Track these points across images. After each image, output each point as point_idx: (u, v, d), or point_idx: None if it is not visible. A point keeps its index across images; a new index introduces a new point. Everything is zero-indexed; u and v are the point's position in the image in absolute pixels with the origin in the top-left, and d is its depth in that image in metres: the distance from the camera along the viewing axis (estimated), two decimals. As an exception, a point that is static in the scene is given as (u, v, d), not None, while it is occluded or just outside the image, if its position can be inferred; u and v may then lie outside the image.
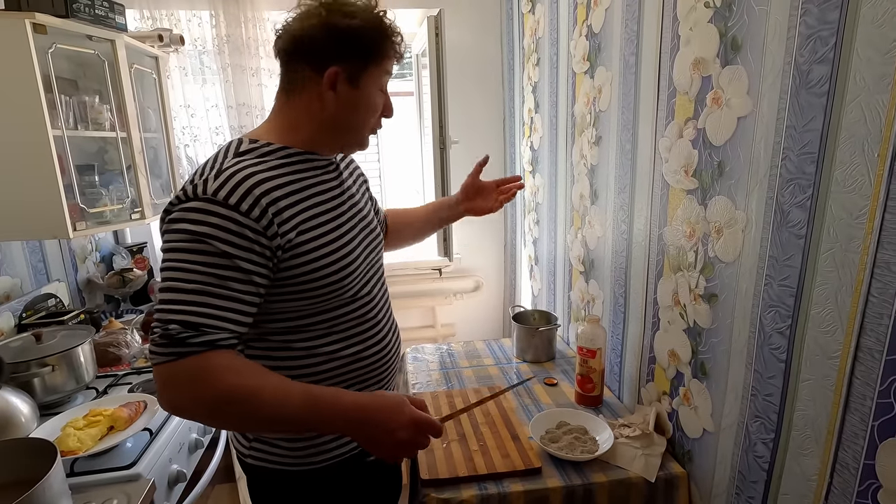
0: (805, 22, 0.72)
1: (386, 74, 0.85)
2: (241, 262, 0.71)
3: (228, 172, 0.73)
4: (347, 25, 0.78)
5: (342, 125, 0.85)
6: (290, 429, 0.77)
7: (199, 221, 0.70)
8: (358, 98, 0.83)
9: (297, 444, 0.87)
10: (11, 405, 1.08)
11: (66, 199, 1.34)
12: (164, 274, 0.70)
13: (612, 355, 1.42)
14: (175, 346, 0.66)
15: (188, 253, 0.69)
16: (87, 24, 1.40)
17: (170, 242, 0.71)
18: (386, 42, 0.82)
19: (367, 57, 0.81)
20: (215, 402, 0.67)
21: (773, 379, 0.83)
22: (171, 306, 0.67)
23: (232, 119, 2.11)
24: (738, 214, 0.89)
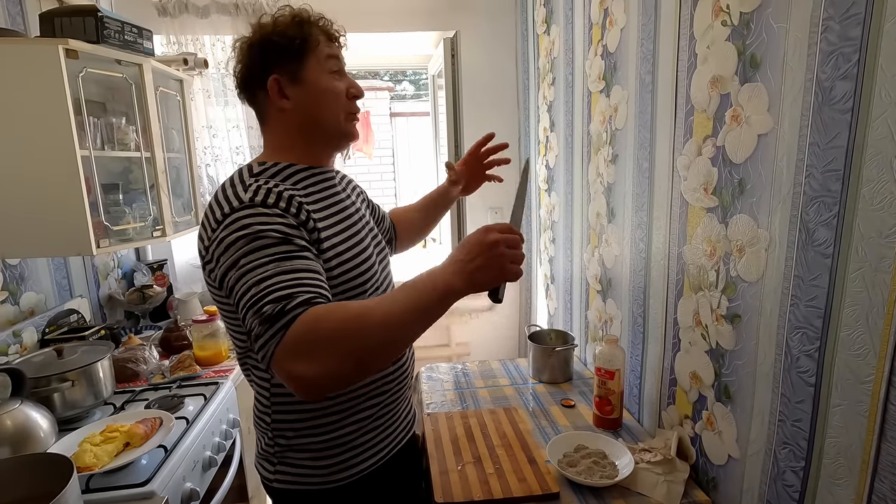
0: (826, 38, 0.72)
1: (328, 59, 0.86)
2: (298, 240, 0.74)
3: (255, 185, 0.77)
4: (264, 36, 0.85)
5: (313, 123, 0.87)
6: (410, 329, 0.69)
7: (248, 224, 0.72)
8: (308, 92, 0.85)
9: (323, 463, 0.88)
10: (31, 420, 1.09)
11: (91, 217, 1.37)
12: (237, 283, 0.70)
13: (631, 377, 1.39)
14: (277, 321, 0.64)
15: (251, 253, 0.70)
16: (117, 49, 1.45)
17: (230, 258, 0.72)
18: (307, 30, 0.85)
19: (295, 52, 0.84)
20: (339, 340, 0.63)
21: (802, 404, 0.80)
22: (258, 296, 0.67)
23: (252, 139, 2.15)
24: (761, 233, 0.87)
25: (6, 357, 1.38)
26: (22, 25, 1.57)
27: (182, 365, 1.59)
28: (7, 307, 1.45)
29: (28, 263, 1.53)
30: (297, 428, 0.87)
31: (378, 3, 2.16)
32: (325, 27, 0.87)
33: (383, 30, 2.23)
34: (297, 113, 0.86)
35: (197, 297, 2.15)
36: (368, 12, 2.17)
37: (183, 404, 1.37)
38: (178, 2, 2.00)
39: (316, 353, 0.63)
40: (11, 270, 1.47)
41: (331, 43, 0.87)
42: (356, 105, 0.90)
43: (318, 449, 0.88)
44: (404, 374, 0.96)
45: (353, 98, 0.89)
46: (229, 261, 0.72)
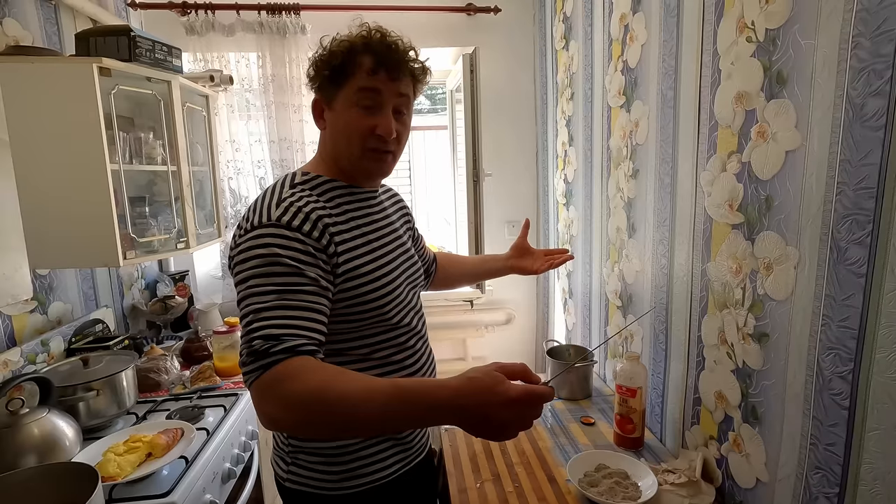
0: (857, 55, 0.71)
1: (361, 91, 0.84)
2: (310, 273, 0.75)
3: (288, 202, 0.80)
4: (317, 57, 0.86)
5: (338, 152, 0.89)
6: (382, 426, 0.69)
7: (268, 245, 0.75)
8: (335, 119, 0.87)
9: (334, 469, 0.89)
10: (58, 428, 1.11)
11: (119, 230, 1.41)
12: (243, 301, 0.74)
13: (652, 395, 1.36)
14: (261, 359, 0.68)
15: (261, 276, 0.73)
16: (148, 66, 1.50)
17: (243, 272, 0.75)
18: (351, 60, 0.83)
19: (334, 80, 0.85)
20: (304, 403, 0.64)
21: (836, 427, 0.78)
22: (253, 325, 0.70)
23: (274, 153, 2.19)
24: (790, 251, 0.85)
25: (34, 365, 1.41)
26: (58, 45, 1.63)
27: (202, 375, 1.61)
28: (36, 316, 1.48)
29: (57, 274, 1.58)
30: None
31: (399, 21, 2.18)
32: (366, 59, 0.83)
33: (403, 46, 2.26)
34: (329, 138, 0.90)
35: (217, 308, 2.18)
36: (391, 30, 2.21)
37: (203, 415, 1.38)
38: (206, 20, 2.06)
39: (282, 402, 0.65)
40: (41, 280, 1.51)
41: (373, 76, 0.83)
42: (379, 142, 0.86)
43: (329, 454, 0.89)
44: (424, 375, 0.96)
45: (379, 135, 0.85)
46: (242, 275, 0.75)
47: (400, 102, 0.87)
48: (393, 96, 0.86)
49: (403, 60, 0.86)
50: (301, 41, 2.12)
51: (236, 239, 0.80)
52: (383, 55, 0.84)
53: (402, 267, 0.94)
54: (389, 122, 0.85)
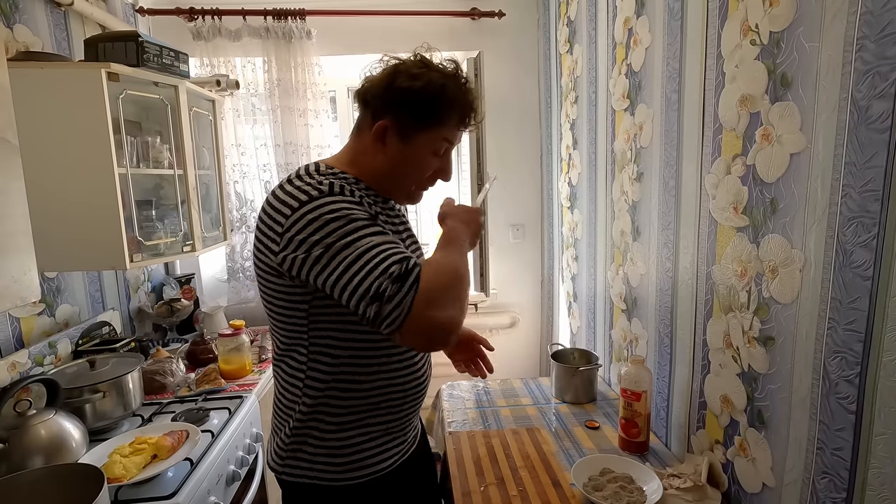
0: (861, 58, 0.71)
1: (442, 141, 0.87)
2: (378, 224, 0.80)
3: (328, 180, 0.81)
4: (407, 86, 0.83)
5: (386, 175, 0.89)
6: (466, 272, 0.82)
7: (337, 209, 0.76)
8: (405, 154, 0.87)
9: (336, 461, 0.89)
10: (65, 430, 1.12)
11: (126, 233, 1.42)
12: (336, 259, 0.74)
13: (658, 399, 1.35)
14: (408, 278, 0.72)
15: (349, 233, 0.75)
16: (155, 71, 1.52)
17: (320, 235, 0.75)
18: (446, 110, 0.85)
19: (421, 119, 0.85)
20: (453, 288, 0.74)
21: (842, 432, 0.77)
22: (376, 263, 0.73)
23: (279, 157, 2.21)
24: (795, 253, 0.85)
25: (42, 367, 1.42)
26: (68, 50, 1.65)
27: (207, 378, 1.62)
28: (44, 319, 1.50)
29: (64, 277, 1.59)
30: (323, 420, 0.89)
31: (405, 25, 2.21)
32: (463, 115, 0.87)
33: (410, 51, 2.27)
34: (384, 160, 0.88)
35: (222, 311, 2.19)
36: (394, 34, 2.22)
37: (208, 417, 1.39)
38: (212, 26, 2.09)
39: (446, 300, 0.72)
40: (49, 283, 1.52)
41: (457, 130, 0.88)
42: (431, 183, 0.93)
43: (335, 446, 0.89)
44: (423, 384, 0.98)
45: (440, 179, 0.92)
46: (328, 234, 0.75)
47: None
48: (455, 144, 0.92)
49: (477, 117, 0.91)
50: (306, 46, 2.13)
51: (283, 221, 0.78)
52: (474, 110, 0.89)
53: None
54: (451, 169, 0.93)
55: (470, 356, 1.20)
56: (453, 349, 1.20)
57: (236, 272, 2.33)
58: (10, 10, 1.42)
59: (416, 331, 0.71)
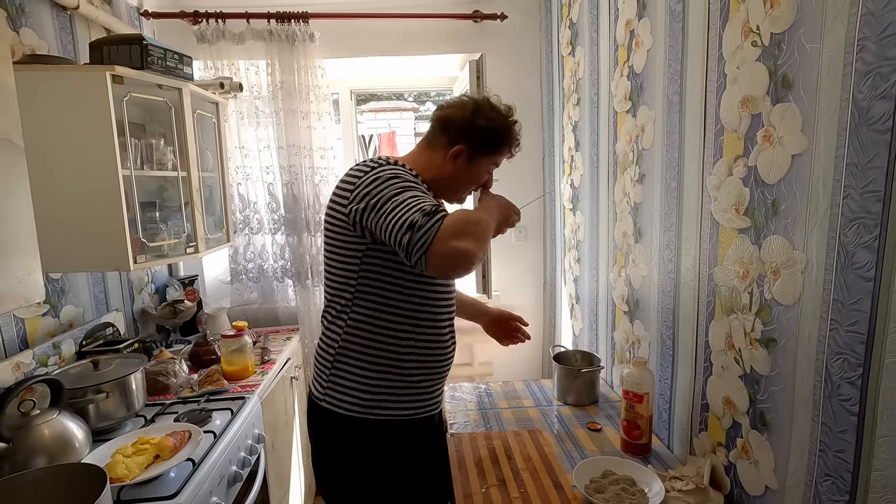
0: (862, 59, 0.71)
1: (493, 164, 1.19)
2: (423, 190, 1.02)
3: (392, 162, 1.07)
4: (485, 125, 1.12)
5: (450, 184, 1.16)
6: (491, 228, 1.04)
7: (399, 174, 1.01)
8: (469, 172, 1.15)
9: (364, 396, 1.09)
10: (68, 430, 1.12)
11: (130, 234, 1.43)
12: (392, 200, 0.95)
13: (660, 401, 1.35)
14: (435, 215, 0.90)
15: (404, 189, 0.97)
16: (159, 74, 1.53)
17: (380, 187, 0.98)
18: (504, 145, 1.16)
19: (487, 148, 1.14)
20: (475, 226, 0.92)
21: (845, 434, 0.77)
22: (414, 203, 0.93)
23: (282, 159, 2.21)
24: (797, 255, 0.84)
25: (46, 368, 1.43)
26: (73, 54, 1.67)
27: (210, 379, 1.62)
28: (48, 319, 1.51)
29: (69, 278, 1.60)
30: (357, 359, 1.10)
31: (407, 28, 2.22)
32: (513, 146, 1.17)
33: (412, 53, 2.28)
34: (451, 173, 1.14)
35: (225, 313, 2.20)
36: (398, 37, 2.23)
37: (210, 418, 1.39)
38: (216, 29, 2.10)
39: (465, 234, 0.89)
40: (53, 284, 1.53)
41: (504, 156, 1.18)
42: (476, 190, 1.24)
43: (363, 383, 1.09)
44: (445, 352, 1.18)
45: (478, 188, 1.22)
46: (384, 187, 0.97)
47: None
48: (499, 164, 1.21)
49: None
50: (310, 48, 2.14)
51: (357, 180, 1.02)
52: (515, 146, 1.19)
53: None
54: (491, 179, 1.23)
55: (507, 332, 1.46)
56: (493, 330, 1.47)
57: (239, 274, 2.34)
58: (16, 14, 1.44)
59: (439, 255, 0.87)
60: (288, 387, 2.00)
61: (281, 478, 1.83)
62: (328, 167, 2.26)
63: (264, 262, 2.35)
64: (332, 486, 1.17)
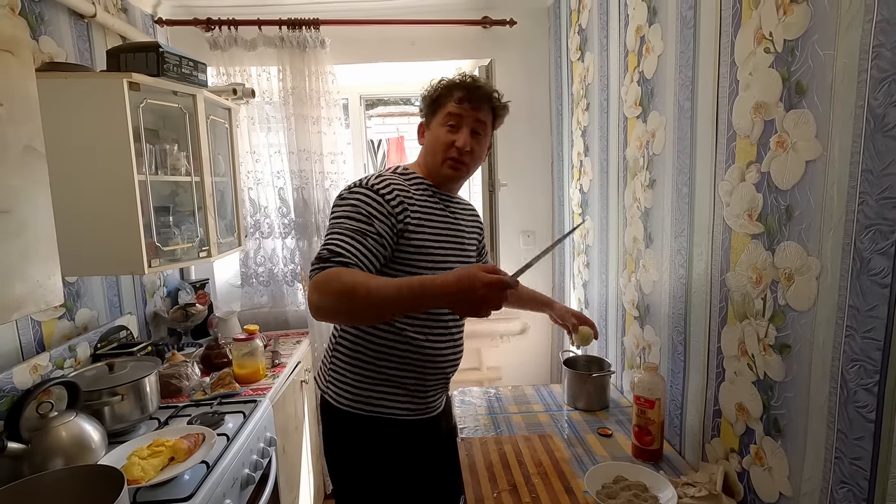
0: (877, 65, 0.71)
1: (448, 116, 1.16)
2: (378, 226, 1.06)
3: (383, 176, 1.14)
4: (426, 94, 1.22)
5: (427, 158, 1.22)
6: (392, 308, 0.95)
7: (357, 197, 1.09)
8: (430, 137, 1.21)
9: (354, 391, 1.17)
10: (85, 431, 1.14)
11: (145, 238, 1.45)
12: (329, 227, 1.07)
13: (671, 406, 1.35)
14: (321, 263, 0.98)
15: (346, 217, 1.06)
16: (174, 81, 1.55)
17: (337, 210, 1.09)
18: (444, 94, 1.18)
19: (432, 107, 1.21)
20: (337, 294, 0.93)
21: (861, 441, 0.76)
22: (328, 241, 1.02)
23: (293, 164, 2.23)
24: (811, 261, 0.84)
25: (62, 370, 1.45)
26: (90, 61, 1.70)
27: (222, 382, 1.64)
28: (64, 322, 1.53)
29: (84, 281, 1.62)
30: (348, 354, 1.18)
31: (417, 34, 2.24)
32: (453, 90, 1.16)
33: (422, 59, 2.30)
34: (424, 149, 1.23)
35: (236, 316, 2.22)
36: (408, 43, 2.25)
37: (223, 421, 1.41)
38: (229, 36, 2.13)
39: (324, 293, 0.94)
40: (69, 287, 1.55)
41: (460, 105, 1.15)
42: (456, 153, 1.16)
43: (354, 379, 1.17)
44: (437, 358, 1.20)
45: (456, 149, 1.16)
46: (334, 213, 1.10)
47: (477, 126, 1.17)
48: (472, 120, 1.16)
49: (485, 96, 1.17)
50: (321, 55, 2.17)
51: (343, 191, 1.13)
52: (470, 90, 1.15)
53: (455, 256, 1.21)
54: (466, 138, 1.15)
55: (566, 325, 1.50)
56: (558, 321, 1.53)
57: (250, 278, 2.35)
58: (35, 23, 1.47)
59: (308, 297, 0.97)
60: (298, 390, 2.01)
61: (291, 481, 1.83)
62: (338, 172, 2.28)
63: (274, 266, 2.37)
64: (339, 478, 1.25)
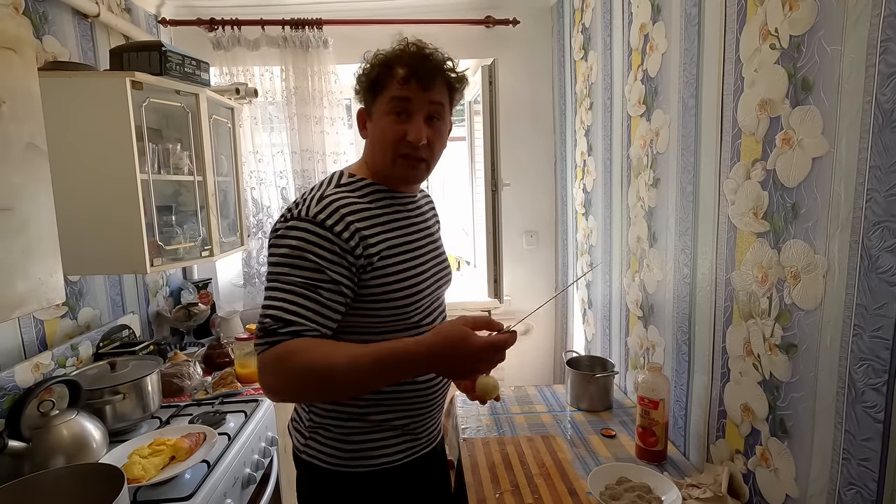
0: (885, 60, 0.70)
1: (392, 101, 0.88)
2: (331, 272, 0.82)
3: (328, 200, 0.85)
4: (360, 70, 0.93)
5: (375, 156, 0.94)
6: (369, 386, 0.83)
7: (299, 238, 0.82)
8: (374, 129, 0.92)
9: (346, 447, 0.93)
10: (86, 430, 1.14)
11: (147, 237, 1.45)
12: (268, 279, 0.83)
13: (675, 407, 1.33)
14: (268, 336, 0.78)
15: (288, 266, 0.81)
16: (177, 80, 1.55)
17: (275, 255, 0.84)
18: (384, 73, 0.89)
19: (372, 90, 0.91)
20: (298, 377, 0.76)
21: (870, 442, 0.75)
22: (270, 303, 0.80)
23: (296, 164, 2.23)
24: (818, 259, 0.83)
25: (64, 369, 1.45)
26: (94, 60, 1.70)
27: (224, 381, 1.63)
28: (66, 321, 1.53)
29: (86, 280, 1.62)
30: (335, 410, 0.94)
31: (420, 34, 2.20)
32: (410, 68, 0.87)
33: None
34: (369, 144, 0.95)
35: (238, 316, 2.22)
36: (408, 42, 2.24)
37: (225, 420, 1.40)
38: (232, 36, 2.13)
39: (279, 374, 0.77)
40: (71, 286, 1.56)
41: (405, 85, 0.87)
42: (410, 149, 0.89)
43: (342, 433, 0.94)
44: (439, 389, 1.00)
45: (409, 143, 0.88)
46: (273, 259, 0.83)
47: (432, 110, 0.90)
48: (424, 104, 0.89)
49: (436, 70, 0.89)
50: (323, 55, 2.17)
51: (279, 223, 0.86)
52: (416, 65, 0.87)
53: (433, 269, 0.99)
54: (419, 130, 0.88)
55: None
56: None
57: (252, 277, 2.35)
58: (39, 22, 1.47)
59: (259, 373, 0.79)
60: (300, 390, 2.01)
61: (292, 481, 1.83)
62: (341, 172, 2.27)
63: (277, 266, 2.36)
64: None
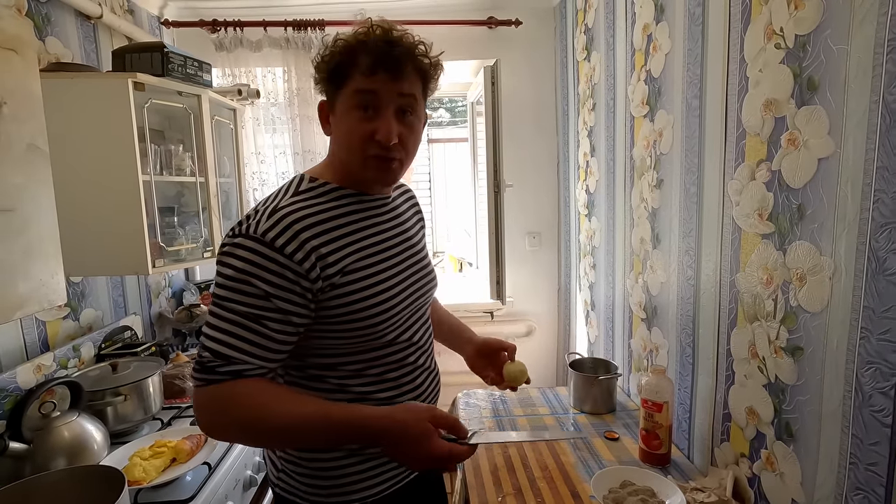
0: (892, 59, 0.69)
1: (356, 94, 0.77)
2: (279, 301, 0.72)
3: (281, 213, 0.74)
4: (319, 57, 0.81)
5: (341, 156, 0.83)
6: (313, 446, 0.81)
7: (245, 259, 0.72)
8: (338, 126, 0.81)
9: (321, 483, 0.84)
10: (87, 431, 1.13)
11: (149, 238, 1.45)
12: (210, 305, 0.74)
13: (679, 410, 1.32)
14: (205, 374, 0.71)
15: (231, 291, 0.72)
16: (179, 81, 1.55)
17: (219, 276, 0.74)
18: (347, 62, 0.78)
19: (333, 81, 0.80)
20: (235, 427, 0.73)
21: (877, 446, 0.74)
22: (209, 334, 0.72)
23: (298, 165, 2.23)
24: (824, 261, 0.82)
25: (66, 370, 1.45)
26: (96, 61, 1.70)
27: (225, 383, 1.63)
28: (69, 322, 1.53)
29: (88, 281, 1.62)
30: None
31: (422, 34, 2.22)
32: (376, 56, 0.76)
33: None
34: (333, 141, 0.84)
35: (240, 317, 2.21)
36: (411, 43, 2.24)
37: (226, 422, 1.40)
38: (234, 37, 2.13)
39: (216, 417, 0.72)
40: (74, 288, 1.56)
41: (371, 77, 0.76)
42: (381, 149, 0.78)
43: (316, 469, 0.84)
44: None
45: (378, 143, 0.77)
46: (218, 280, 0.74)
47: (403, 103, 0.79)
48: (393, 97, 0.78)
49: (406, 57, 0.78)
50: (325, 56, 2.16)
51: (226, 237, 0.75)
52: (382, 53, 0.76)
53: (411, 279, 0.88)
54: (389, 127, 0.77)
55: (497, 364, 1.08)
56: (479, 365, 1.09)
57: (254, 278, 2.35)
58: (42, 24, 1.47)
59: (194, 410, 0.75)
60: (302, 392, 2.00)
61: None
62: (343, 173, 2.27)
63: (279, 267, 2.36)
64: None
